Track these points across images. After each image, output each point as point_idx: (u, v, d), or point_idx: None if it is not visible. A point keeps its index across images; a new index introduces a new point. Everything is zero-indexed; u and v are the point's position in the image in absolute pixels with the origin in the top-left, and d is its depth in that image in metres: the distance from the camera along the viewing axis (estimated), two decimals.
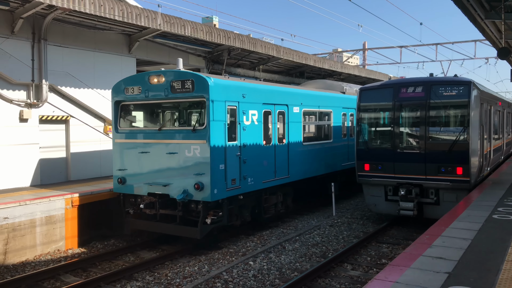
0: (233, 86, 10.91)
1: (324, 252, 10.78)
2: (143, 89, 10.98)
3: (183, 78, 10.36)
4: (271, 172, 12.36)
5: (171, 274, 9.23)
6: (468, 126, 11.72)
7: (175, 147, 10.47)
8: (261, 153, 11.90)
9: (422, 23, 25.36)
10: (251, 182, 11.41)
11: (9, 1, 11.60)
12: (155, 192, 10.71)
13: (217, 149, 10.21)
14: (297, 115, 13.64)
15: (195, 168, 10.16)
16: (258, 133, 11.76)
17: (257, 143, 11.71)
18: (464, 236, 7.39)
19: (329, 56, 37.40)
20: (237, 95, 10.95)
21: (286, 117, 13.08)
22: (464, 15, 12.83)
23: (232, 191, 10.73)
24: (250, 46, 18.47)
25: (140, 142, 11.07)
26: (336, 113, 16.17)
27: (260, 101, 11.88)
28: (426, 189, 12.18)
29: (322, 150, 15.27)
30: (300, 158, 13.84)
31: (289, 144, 13.20)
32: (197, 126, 10.36)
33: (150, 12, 14.24)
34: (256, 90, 11.81)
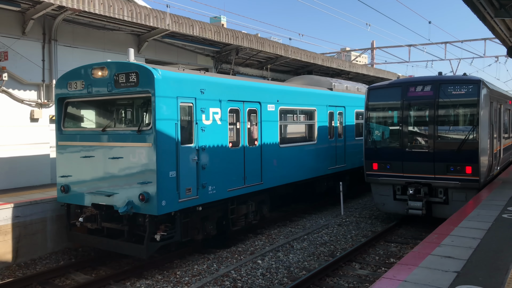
0: (187, 79, 9.45)
1: (332, 251, 10.79)
2: (86, 84, 9.63)
3: (127, 70, 9.00)
4: (239, 179, 10.92)
5: (180, 273, 9.31)
6: (477, 125, 11.65)
7: (119, 151, 9.10)
8: (226, 158, 10.46)
9: (430, 21, 25.23)
10: (212, 191, 9.96)
11: (20, 2, 11.75)
12: (99, 203, 9.37)
13: (166, 153, 8.78)
14: (272, 114, 12.24)
15: (140, 176, 8.76)
16: (221, 135, 10.31)
17: (221, 146, 10.28)
18: (473, 235, 7.37)
19: (337, 55, 37.31)
20: (193, 90, 9.52)
21: (258, 116, 11.69)
22: (473, 13, 12.73)
23: (186, 202, 9.28)
24: (258, 45, 18.50)
25: (83, 145, 9.73)
26: (321, 111, 14.76)
27: (225, 97, 10.44)
28: (435, 188, 12.13)
29: (304, 153, 13.87)
30: (277, 162, 12.42)
31: (262, 147, 11.77)
32: (143, 127, 8.92)
33: (159, 12, 14.34)
34: (219, 85, 10.36)
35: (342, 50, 42.54)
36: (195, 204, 9.56)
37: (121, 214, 8.84)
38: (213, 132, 10.07)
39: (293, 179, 13.25)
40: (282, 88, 13.00)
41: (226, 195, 10.49)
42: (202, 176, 9.67)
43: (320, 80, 16.33)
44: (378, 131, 13.42)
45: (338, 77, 28.00)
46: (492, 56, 31.02)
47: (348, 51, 40.24)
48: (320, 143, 14.70)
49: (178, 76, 9.30)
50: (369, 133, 13.24)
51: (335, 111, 15.65)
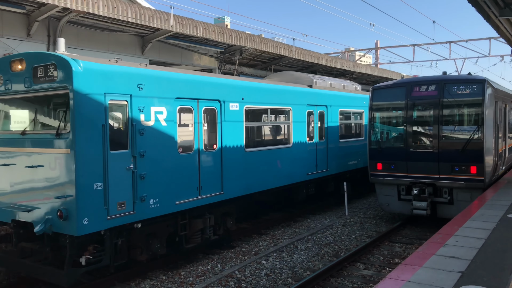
0: (120, 73, 7.96)
1: (336, 252, 10.77)
2: (4, 80, 8.35)
3: (45, 62, 7.63)
4: (192, 189, 9.43)
5: (185, 273, 9.33)
6: (482, 125, 11.60)
7: (38, 158, 7.75)
8: (174, 165, 8.93)
9: (435, 21, 25.12)
10: (154, 205, 8.49)
11: (25, 4, 11.83)
12: (19, 219, 8.00)
13: (89, 161, 7.40)
14: (236, 114, 10.77)
15: (59, 188, 7.41)
16: (168, 138, 8.79)
17: (167, 151, 8.75)
18: (477, 235, 7.34)
19: (341, 55, 37.26)
20: (128, 85, 8.06)
21: (218, 117, 10.22)
22: (478, 12, 12.68)
23: (118, 219, 7.86)
24: (262, 46, 18.52)
25: (2, 151, 8.40)
26: (298, 111, 13.23)
27: (172, 94, 8.93)
28: (439, 188, 12.09)
29: (277, 158, 12.38)
30: (242, 169, 10.96)
31: (223, 152, 10.30)
32: (62, 130, 7.50)
33: (163, 13, 14.39)
34: (163, 80, 8.82)
35: (346, 50, 42.51)
36: (132, 220, 8.15)
37: (36, 234, 7.44)
38: (156, 135, 8.53)
39: (262, 187, 11.72)
40: (248, 84, 11.38)
41: (174, 209, 8.96)
42: (140, 187, 8.20)
43: (300, 77, 14.92)
44: (382, 131, 13.40)
45: (342, 77, 27.96)
46: (497, 56, 30.91)
47: (352, 51, 40.21)
48: (296, 146, 13.15)
49: (107, 68, 7.79)
50: (373, 133, 13.21)
51: (315, 110, 14.12)
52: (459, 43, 28.84)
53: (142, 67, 8.63)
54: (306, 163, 13.66)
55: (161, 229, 9.07)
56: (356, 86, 17.47)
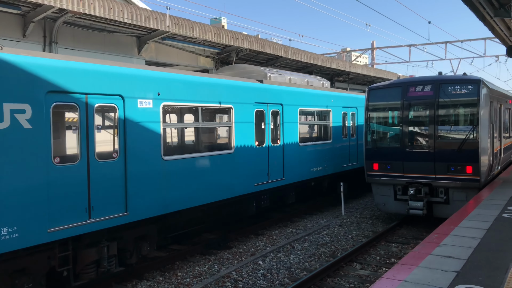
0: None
1: (333, 252, 10.80)
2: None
3: None
4: (76, 211, 7.38)
5: (181, 274, 9.33)
6: (477, 125, 11.67)
7: None
8: (44, 180, 6.91)
9: (430, 21, 25.20)
10: (10, 235, 6.47)
11: (21, 5, 11.79)
12: None
13: None
14: (148, 113, 8.64)
15: None
16: (28, 145, 6.71)
17: (29, 163, 6.72)
18: (473, 235, 7.39)
19: (337, 56, 37.34)
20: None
21: (120, 116, 8.12)
22: (473, 13, 12.76)
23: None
24: (258, 46, 18.53)
25: None
26: (243, 110, 11.29)
27: (39, 87, 6.86)
28: (435, 188, 12.14)
29: (212, 167, 10.25)
30: (159, 181, 8.83)
31: (128, 161, 8.14)
32: None
33: (159, 14, 14.38)
34: (19, 67, 6.67)
35: (343, 50, 42.58)
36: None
37: None
38: (8, 143, 6.48)
39: (189, 204, 9.68)
40: (166, 76, 9.20)
41: (45, 239, 6.94)
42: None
43: (253, 71, 13.24)
44: (378, 131, 13.45)
45: (338, 77, 28.01)
46: (492, 56, 31.02)
47: (348, 51, 40.30)
48: (240, 152, 11.18)
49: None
50: (369, 133, 13.26)
51: (267, 109, 12.26)
52: (454, 43, 28.96)
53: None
54: (254, 172, 11.60)
55: (33, 264, 7.03)
56: (324, 83, 16.08)
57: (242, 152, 11.26)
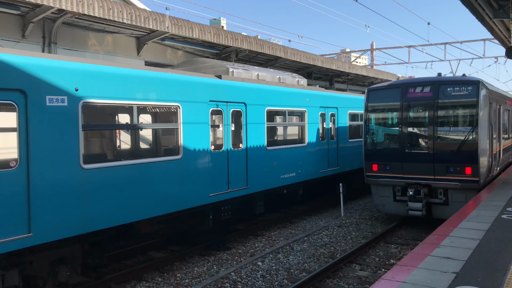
0: None
1: (332, 253, 10.79)
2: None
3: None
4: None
5: (180, 275, 9.32)
6: (476, 126, 11.67)
7: None
8: None
9: (429, 22, 25.22)
10: None
11: (20, 5, 11.79)
12: None
13: None
14: (60, 113, 7.19)
15: None
16: None
17: None
18: (472, 236, 7.38)
19: (337, 57, 37.36)
20: None
21: (21, 118, 6.70)
22: (472, 14, 12.79)
23: None
24: (257, 47, 18.54)
25: None
26: (194, 109, 9.76)
27: None
28: (434, 189, 12.14)
29: (152, 175, 8.78)
30: (76, 195, 7.41)
31: (31, 171, 6.76)
32: None
33: (158, 15, 14.38)
34: None
35: (342, 51, 42.62)
36: None
37: None
38: None
39: (125, 219, 8.27)
40: (87, 68, 7.72)
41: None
42: None
43: (214, 65, 11.93)
44: (377, 132, 13.45)
45: (337, 78, 28.01)
46: (492, 57, 31.07)
47: (347, 52, 40.32)
48: (190, 158, 9.64)
49: None
50: (368, 134, 13.26)
51: (226, 109, 10.81)
52: (454, 44, 28.98)
53: None
54: (208, 181, 10.14)
55: None
56: (300, 80, 14.68)
57: (193, 158, 9.71)
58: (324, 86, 26.57)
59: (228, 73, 11.50)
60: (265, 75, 12.95)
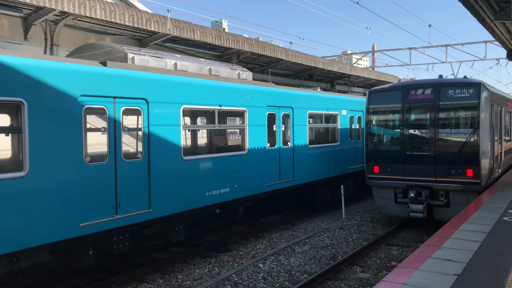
0: None
1: (333, 255, 10.79)
2: None
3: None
4: None
5: (182, 276, 9.33)
6: (478, 128, 11.67)
7: None
8: None
9: (431, 25, 25.25)
10: None
11: (23, 8, 11.83)
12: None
13: None
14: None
15: None
16: None
17: None
18: (473, 238, 7.37)
19: (338, 59, 37.38)
20: None
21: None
22: (473, 16, 12.79)
23: None
24: (259, 49, 18.56)
25: None
26: (54, 108, 7.20)
27: None
28: (436, 191, 12.14)
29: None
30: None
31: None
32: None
33: (160, 17, 14.41)
34: None
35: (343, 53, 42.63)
36: None
37: None
38: None
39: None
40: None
41: None
42: None
43: (112, 50, 9.51)
44: (378, 134, 13.45)
45: (338, 80, 28.02)
46: (493, 59, 31.03)
47: (349, 54, 40.32)
48: (43, 174, 7.04)
49: None
50: (370, 136, 13.27)
51: (112, 108, 8.17)
52: (455, 46, 28.97)
53: None
54: (70, 203, 7.39)
55: None
56: (242, 73, 12.03)
57: (46, 175, 7.09)
58: (325, 88, 26.59)
59: (126, 60, 9.06)
60: (188, 64, 10.39)
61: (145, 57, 9.46)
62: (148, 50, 10.27)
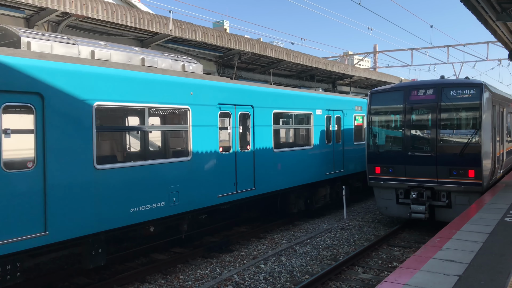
0: None
1: (335, 255, 10.79)
2: None
3: None
4: None
5: (183, 277, 9.33)
6: (479, 129, 11.66)
7: None
8: None
9: (432, 25, 25.25)
10: None
11: (25, 8, 11.86)
12: None
13: None
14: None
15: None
16: None
17: None
18: (475, 239, 7.37)
19: (339, 59, 37.37)
20: None
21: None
22: (475, 17, 12.78)
23: None
24: (260, 50, 18.58)
25: None
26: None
27: None
28: (437, 192, 12.13)
29: None
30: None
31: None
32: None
33: (162, 18, 14.44)
34: None
35: (345, 54, 42.62)
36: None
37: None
38: None
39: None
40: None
41: None
42: None
43: (5, 35, 7.86)
44: (380, 135, 13.45)
45: (340, 80, 28.01)
46: (495, 60, 30.97)
47: (350, 55, 40.31)
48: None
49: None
50: (371, 137, 13.27)
51: None
52: (457, 47, 28.94)
53: None
54: None
55: None
56: (188, 64, 10.47)
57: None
58: (327, 89, 26.59)
59: (19, 45, 7.42)
60: (111, 53, 8.70)
61: (47, 43, 7.69)
62: (59, 34, 8.49)
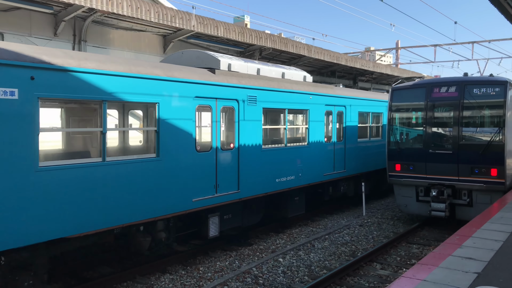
0: None
1: (353, 251, 10.83)
2: None
3: None
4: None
5: (203, 268, 9.53)
6: (503, 127, 11.51)
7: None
8: None
9: (456, 21, 24.81)
10: None
11: (53, 5, 12.20)
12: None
13: None
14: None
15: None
16: None
17: None
18: (495, 237, 7.32)
19: (361, 55, 37.04)
20: None
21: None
22: (501, 13, 12.57)
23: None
24: (281, 45, 18.62)
25: None
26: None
27: None
28: (458, 190, 12.02)
29: None
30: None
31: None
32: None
33: (185, 13, 14.63)
34: None
35: (366, 49, 42.22)
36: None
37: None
38: None
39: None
40: None
41: None
42: None
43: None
44: (401, 132, 13.38)
45: (361, 77, 27.82)
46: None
47: (372, 51, 39.93)
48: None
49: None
50: (392, 134, 13.21)
51: None
52: (481, 43, 28.38)
53: None
54: None
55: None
56: None
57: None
58: (347, 85, 26.44)
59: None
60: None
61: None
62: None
